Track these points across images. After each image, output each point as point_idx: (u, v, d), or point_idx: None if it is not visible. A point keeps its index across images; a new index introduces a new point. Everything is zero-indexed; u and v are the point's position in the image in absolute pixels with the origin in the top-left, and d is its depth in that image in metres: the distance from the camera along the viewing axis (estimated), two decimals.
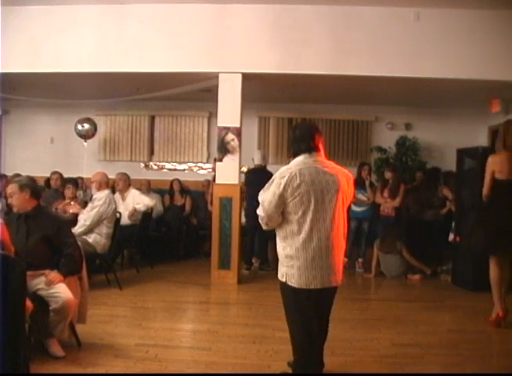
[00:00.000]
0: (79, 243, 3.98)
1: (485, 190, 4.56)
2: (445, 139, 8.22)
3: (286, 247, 2.99)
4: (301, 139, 3.07)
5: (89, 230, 5.53)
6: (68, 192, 6.47)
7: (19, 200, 3.71)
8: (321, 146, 3.09)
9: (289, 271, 2.98)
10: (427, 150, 8.34)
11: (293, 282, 2.97)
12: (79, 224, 5.55)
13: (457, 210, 6.60)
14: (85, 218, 5.56)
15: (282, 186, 2.88)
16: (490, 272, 4.58)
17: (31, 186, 3.77)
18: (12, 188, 3.73)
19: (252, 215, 6.80)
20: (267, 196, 2.94)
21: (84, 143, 8.25)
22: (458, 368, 3.60)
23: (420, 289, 6.31)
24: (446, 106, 8.09)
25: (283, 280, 3.02)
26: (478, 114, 7.95)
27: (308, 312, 3.02)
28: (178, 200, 7.99)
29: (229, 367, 3.50)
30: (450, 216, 6.82)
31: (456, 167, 6.73)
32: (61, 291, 3.48)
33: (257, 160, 7.00)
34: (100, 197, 5.68)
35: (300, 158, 3.02)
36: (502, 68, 5.77)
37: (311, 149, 3.03)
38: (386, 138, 8.47)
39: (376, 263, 6.75)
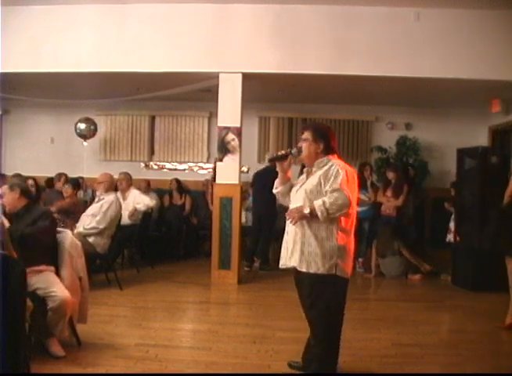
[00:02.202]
0: (79, 242, 3.99)
1: (510, 191, 4.57)
2: (445, 139, 8.22)
3: (343, 238, 3.06)
4: (334, 139, 3.23)
5: (99, 232, 5.57)
6: (65, 191, 6.43)
7: (9, 200, 3.77)
8: None
9: (341, 262, 3.04)
10: (427, 150, 8.34)
11: (343, 273, 3.07)
12: (90, 225, 5.55)
13: (457, 210, 6.60)
14: (98, 220, 5.56)
15: (355, 181, 3.09)
16: (508, 273, 4.51)
17: (21, 185, 3.86)
18: (2, 189, 3.83)
19: (259, 214, 6.83)
20: (348, 187, 3.01)
21: (85, 143, 8.25)
22: (458, 368, 3.60)
23: (420, 289, 6.31)
24: (446, 106, 8.09)
25: (332, 272, 3.03)
26: (478, 114, 7.95)
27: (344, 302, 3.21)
28: (178, 200, 8.00)
29: (229, 367, 3.50)
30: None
31: (457, 167, 6.74)
32: (57, 290, 3.49)
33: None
34: (110, 200, 5.71)
35: (337, 159, 3.16)
36: (502, 68, 5.77)
37: (337, 150, 3.25)
38: (386, 138, 8.47)
39: (376, 263, 6.76)
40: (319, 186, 3.06)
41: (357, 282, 6.67)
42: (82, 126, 8.10)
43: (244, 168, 7.35)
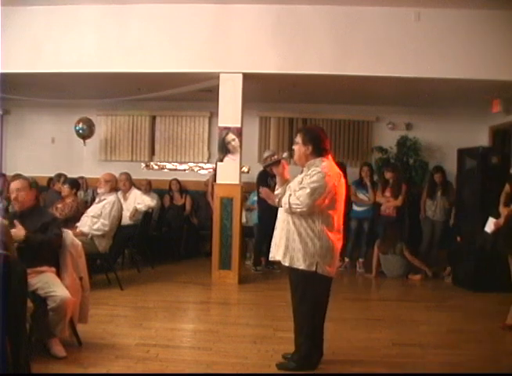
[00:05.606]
0: (80, 242, 3.99)
1: (503, 198, 4.71)
2: (445, 139, 8.21)
3: (327, 237, 3.18)
4: (325, 141, 3.33)
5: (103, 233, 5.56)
6: (63, 191, 6.39)
7: (25, 197, 3.73)
8: None
9: (322, 260, 3.17)
10: (427, 150, 8.33)
11: (325, 271, 3.20)
12: (96, 226, 5.51)
13: (458, 210, 6.61)
14: (104, 223, 5.53)
15: (331, 183, 3.16)
16: None
17: (37, 187, 3.89)
18: (22, 183, 3.75)
19: (266, 216, 6.83)
20: (316, 188, 3.11)
21: (83, 142, 8.21)
22: (458, 368, 3.61)
23: (421, 289, 6.32)
24: (447, 106, 8.07)
25: (312, 269, 3.16)
26: (479, 114, 7.93)
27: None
28: (178, 200, 8.01)
29: (230, 367, 3.50)
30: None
31: (457, 167, 6.74)
32: (58, 290, 3.49)
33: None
34: (112, 200, 5.70)
35: (329, 161, 3.29)
36: (502, 68, 5.76)
37: (329, 151, 3.34)
38: (387, 138, 8.46)
39: (377, 263, 6.76)
40: (299, 184, 3.23)
41: (358, 282, 6.69)
42: (79, 126, 8.08)
43: (245, 168, 7.35)
